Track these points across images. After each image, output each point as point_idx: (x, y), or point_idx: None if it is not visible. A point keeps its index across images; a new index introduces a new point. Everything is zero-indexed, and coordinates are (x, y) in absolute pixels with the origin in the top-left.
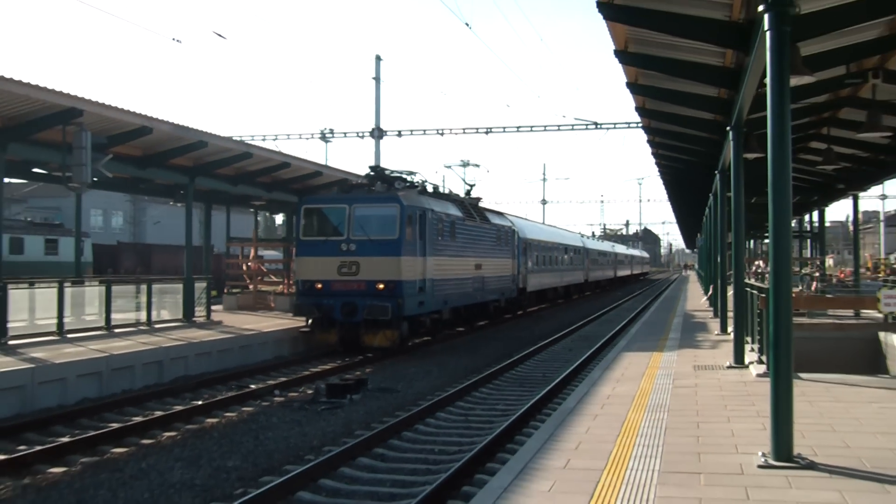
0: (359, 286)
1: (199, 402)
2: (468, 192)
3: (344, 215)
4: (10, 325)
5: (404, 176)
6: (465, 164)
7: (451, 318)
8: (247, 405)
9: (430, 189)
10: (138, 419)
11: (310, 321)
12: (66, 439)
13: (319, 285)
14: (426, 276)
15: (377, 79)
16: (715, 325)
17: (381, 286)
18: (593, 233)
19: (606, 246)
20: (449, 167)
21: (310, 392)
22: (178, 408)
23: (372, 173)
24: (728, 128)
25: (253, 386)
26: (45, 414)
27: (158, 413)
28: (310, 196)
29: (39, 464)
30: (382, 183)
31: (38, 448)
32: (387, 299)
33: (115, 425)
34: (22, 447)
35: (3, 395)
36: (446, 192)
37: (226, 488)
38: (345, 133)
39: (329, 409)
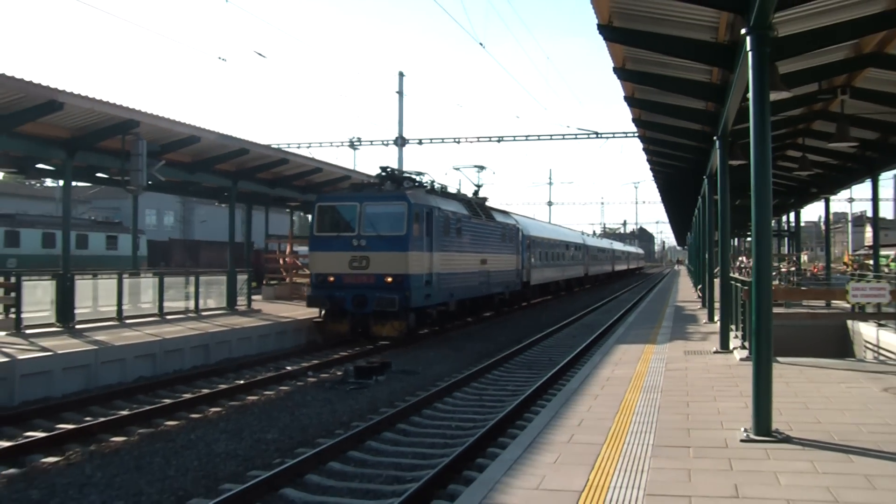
0: (368, 279)
1: (241, 382)
2: (476, 193)
3: (355, 213)
4: (76, 311)
5: (413, 176)
6: (479, 169)
7: (457, 309)
8: (283, 384)
9: (437, 188)
10: (188, 396)
11: (322, 312)
12: (125, 412)
13: (332, 278)
14: (433, 270)
15: (400, 92)
16: (703, 314)
17: (390, 279)
18: (594, 231)
19: (605, 243)
20: (458, 169)
21: (339, 373)
22: (223, 386)
23: (383, 174)
24: (715, 137)
25: (289, 368)
26: (107, 390)
27: (205, 391)
28: (324, 194)
29: (103, 433)
30: (392, 183)
31: (102, 419)
32: (395, 292)
33: (168, 401)
34: (88, 418)
35: (72, 373)
36: (454, 191)
37: (265, 458)
38: (371, 141)
39: (357, 388)
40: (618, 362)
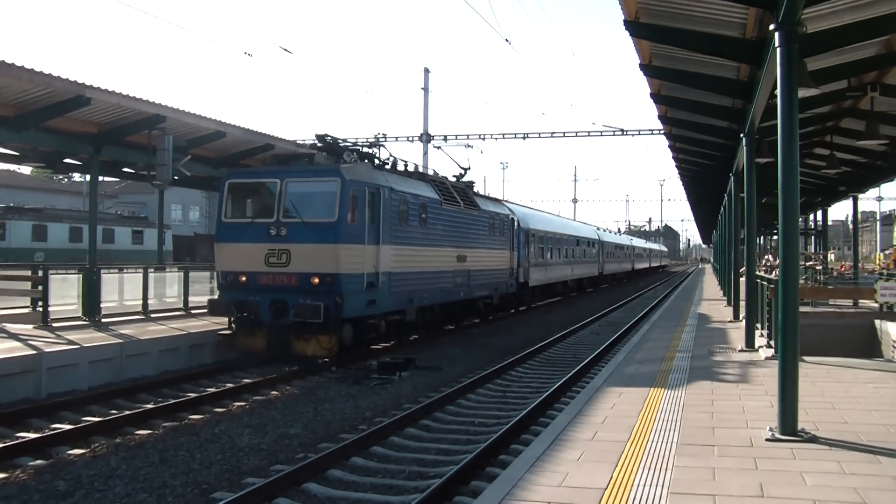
0: (289, 280)
1: (264, 378)
2: (461, 176)
3: (275, 192)
4: (102, 305)
5: (361, 148)
6: (466, 147)
7: (419, 318)
8: (307, 380)
9: (401, 167)
10: (212, 390)
11: (232, 322)
12: (150, 406)
13: (243, 278)
14: (380, 268)
15: (425, 89)
16: (728, 312)
17: (316, 280)
18: (619, 229)
19: (624, 239)
20: (439, 147)
21: (362, 369)
22: (247, 381)
23: (318, 143)
24: (741, 135)
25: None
26: (131, 383)
27: (229, 385)
28: (236, 169)
29: (128, 426)
30: (330, 155)
31: (127, 413)
32: (322, 297)
33: (192, 395)
34: (114, 411)
35: (98, 366)
36: (424, 171)
37: (288, 452)
38: (396, 138)
39: (380, 384)
40: (642, 360)
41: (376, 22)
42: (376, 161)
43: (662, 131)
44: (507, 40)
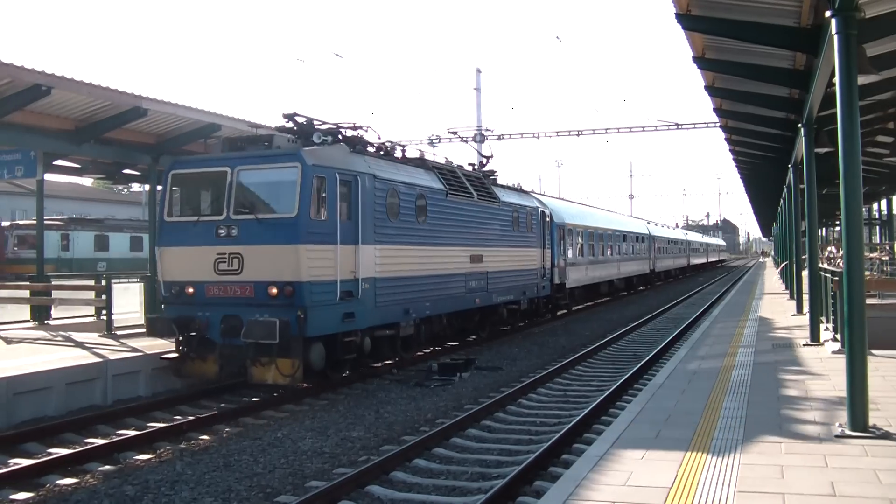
0: (243, 291)
1: (326, 381)
2: (480, 165)
3: (224, 184)
4: None
5: (337, 127)
6: (480, 139)
7: (418, 333)
8: (367, 383)
9: (391, 151)
10: (273, 395)
11: (178, 343)
12: (213, 412)
13: (191, 289)
14: (360, 273)
15: (478, 89)
16: (791, 306)
17: (274, 291)
18: (676, 224)
19: (678, 233)
20: (454, 132)
21: (423, 371)
22: (306, 385)
23: (287, 122)
24: (799, 125)
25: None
26: (196, 389)
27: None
28: (181, 158)
29: (192, 431)
30: (299, 137)
31: (191, 418)
32: (280, 311)
33: (255, 399)
34: (177, 417)
35: (161, 373)
36: (422, 157)
37: (351, 455)
38: (450, 138)
39: (441, 385)
40: (704, 356)
41: (426, 23)
42: (368, 146)
43: (718, 124)
44: (557, 37)
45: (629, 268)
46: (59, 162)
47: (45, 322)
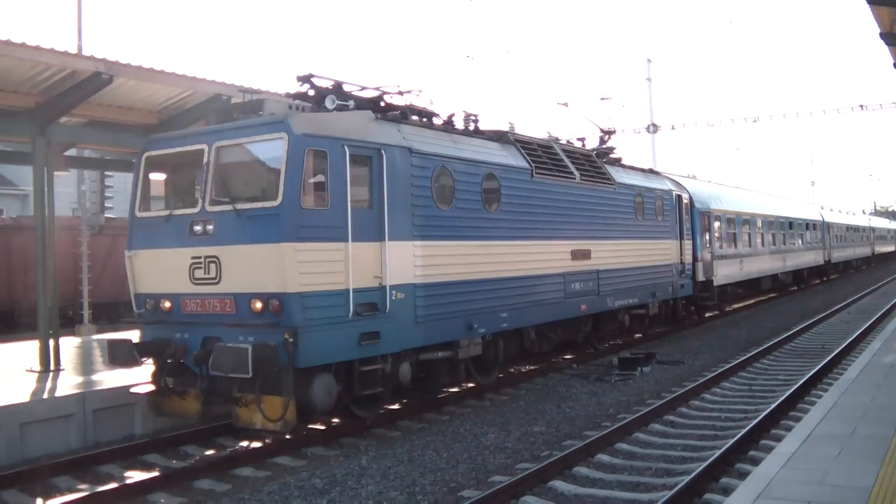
0: (223, 306)
1: (503, 375)
2: (603, 141)
3: (200, 166)
4: None
5: (357, 91)
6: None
7: (500, 349)
8: (548, 377)
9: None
10: (454, 390)
11: (156, 373)
12: (396, 406)
13: (167, 303)
14: (389, 279)
15: (649, 79)
16: None
17: (258, 306)
18: (863, 210)
19: (861, 219)
20: (564, 104)
21: (603, 365)
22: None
23: (300, 84)
24: None
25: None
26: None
27: (470, 385)
28: (157, 136)
29: (376, 426)
30: (315, 103)
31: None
32: (267, 333)
33: (440, 397)
34: (362, 413)
35: None
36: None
37: (533, 450)
38: (623, 129)
39: (622, 380)
40: None
41: (594, 14)
42: (412, 114)
43: None
44: (730, 21)
45: (797, 259)
46: None
47: None
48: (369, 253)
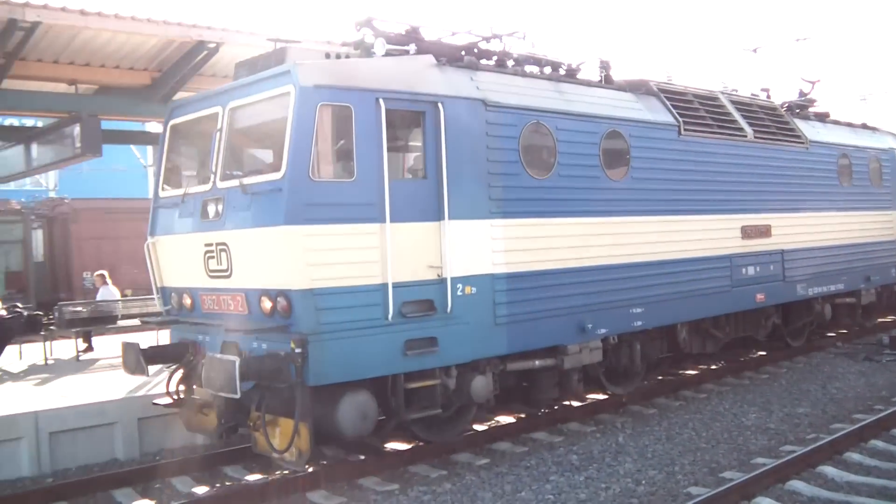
0: (236, 304)
1: (764, 353)
2: (804, 95)
3: (214, 132)
4: None
5: (448, 39)
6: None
7: (637, 353)
8: (810, 356)
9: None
10: (712, 366)
11: (173, 383)
12: (645, 383)
13: (188, 299)
14: (450, 270)
15: None
16: None
17: (268, 305)
18: None
19: None
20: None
21: (872, 344)
22: (744, 359)
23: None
24: None
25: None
26: None
27: (725, 362)
28: (181, 100)
29: (631, 404)
30: (362, 52)
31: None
32: (277, 340)
33: (692, 373)
34: (618, 389)
35: None
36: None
37: (797, 433)
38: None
39: (894, 360)
40: None
41: None
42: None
43: None
44: None
45: None
46: None
47: None
48: (421, 236)
